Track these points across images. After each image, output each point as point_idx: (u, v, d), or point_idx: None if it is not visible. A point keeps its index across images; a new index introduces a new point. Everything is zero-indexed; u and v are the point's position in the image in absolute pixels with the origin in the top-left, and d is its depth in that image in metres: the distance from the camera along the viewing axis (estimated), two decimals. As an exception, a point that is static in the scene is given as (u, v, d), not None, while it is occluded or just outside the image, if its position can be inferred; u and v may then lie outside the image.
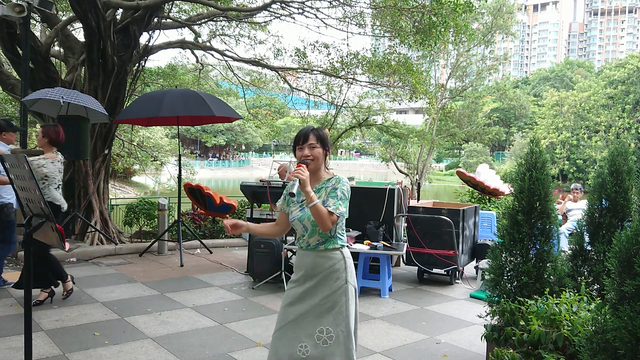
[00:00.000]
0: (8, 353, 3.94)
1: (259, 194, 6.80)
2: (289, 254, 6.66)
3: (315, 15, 10.63)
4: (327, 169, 2.96)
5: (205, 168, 56.05)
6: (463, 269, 6.93)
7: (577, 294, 3.48)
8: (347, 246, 2.93)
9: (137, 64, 9.41)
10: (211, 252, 8.32)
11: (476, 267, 6.88)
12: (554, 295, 3.54)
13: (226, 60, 13.56)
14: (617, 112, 53.45)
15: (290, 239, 6.58)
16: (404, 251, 6.42)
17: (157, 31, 9.43)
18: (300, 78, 15.71)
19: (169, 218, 8.73)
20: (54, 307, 5.15)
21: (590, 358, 2.57)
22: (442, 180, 49.98)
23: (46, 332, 4.43)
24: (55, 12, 8.81)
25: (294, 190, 2.71)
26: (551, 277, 3.78)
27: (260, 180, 6.94)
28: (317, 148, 2.84)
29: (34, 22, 11.14)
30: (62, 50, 9.29)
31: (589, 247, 4.15)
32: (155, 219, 9.05)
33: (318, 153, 2.84)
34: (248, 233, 2.87)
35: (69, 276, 5.52)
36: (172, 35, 72.41)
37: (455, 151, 65.56)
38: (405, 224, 6.96)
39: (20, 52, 8.01)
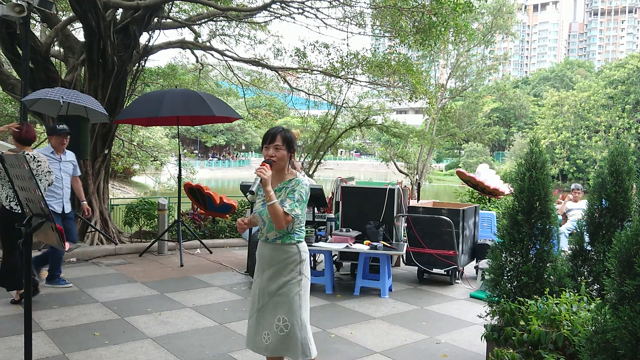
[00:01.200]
0: (8, 353, 3.94)
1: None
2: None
3: (315, 15, 10.63)
4: (293, 169, 3.09)
5: (205, 168, 56.03)
6: (463, 269, 6.93)
7: (577, 294, 3.48)
8: (303, 241, 3.11)
9: (137, 64, 9.41)
10: (211, 252, 8.32)
11: (476, 267, 6.88)
12: (554, 295, 3.54)
13: (226, 60, 13.56)
14: (617, 112, 53.43)
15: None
16: (404, 251, 6.42)
17: (157, 31, 9.43)
18: (300, 78, 15.71)
19: (169, 218, 8.73)
20: (54, 307, 5.15)
21: (590, 358, 2.57)
22: (442, 180, 49.97)
23: (46, 332, 4.43)
24: (55, 12, 8.81)
25: (254, 189, 2.90)
26: (551, 277, 3.78)
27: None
28: (281, 150, 2.97)
29: (34, 22, 11.14)
30: (62, 50, 9.29)
31: (589, 247, 4.15)
32: (155, 219, 9.05)
33: (282, 155, 2.98)
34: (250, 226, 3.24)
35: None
36: (172, 35, 72.40)
37: (455, 151, 65.51)
38: (405, 224, 6.96)
39: (20, 52, 8.01)
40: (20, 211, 5.11)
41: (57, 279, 5.90)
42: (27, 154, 5.07)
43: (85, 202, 6.24)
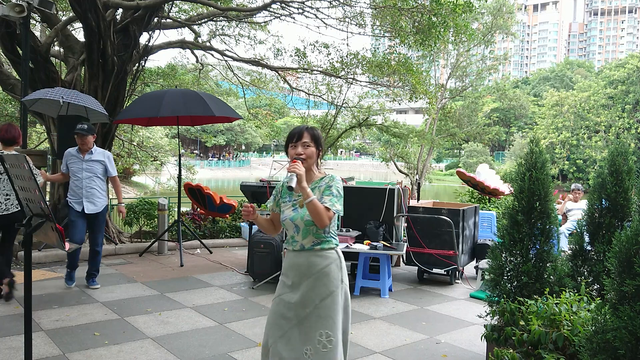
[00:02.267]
0: (8, 353, 3.94)
1: (259, 194, 6.81)
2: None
3: (315, 15, 10.63)
4: (319, 169, 2.95)
5: (205, 168, 56.04)
6: (463, 269, 6.93)
7: (577, 294, 3.48)
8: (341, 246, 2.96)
9: (137, 64, 9.40)
10: (211, 252, 8.32)
11: (476, 267, 6.88)
12: (554, 295, 3.54)
13: (226, 60, 13.56)
14: (617, 112, 53.44)
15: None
16: (404, 251, 6.42)
17: (157, 31, 9.42)
18: (300, 78, 15.72)
19: (169, 218, 8.73)
20: (54, 307, 5.15)
21: (590, 358, 2.57)
22: (442, 180, 49.97)
23: (46, 332, 4.43)
24: (55, 12, 8.80)
25: (293, 184, 2.64)
26: (551, 277, 3.78)
27: (260, 180, 6.95)
28: (310, 147, 2.81)
29: (34, 22, 11.14)
30: (62, 50, 9.29)
31: (589, 247, 4.15)
32: (155, 219, 9.05)
33: (311, 152, 2.81)
34: (253, 224, 2.87)
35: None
36: (172, 35, 72.47)
37: (455, 151, 65.51)
38: (405, 224, 6.96)
39: (20, 52, 8.01)
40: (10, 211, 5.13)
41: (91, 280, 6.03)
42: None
43: (121, 204, 6.19)
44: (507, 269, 3.86)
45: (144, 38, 9.26)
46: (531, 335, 3.22)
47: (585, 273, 4.07)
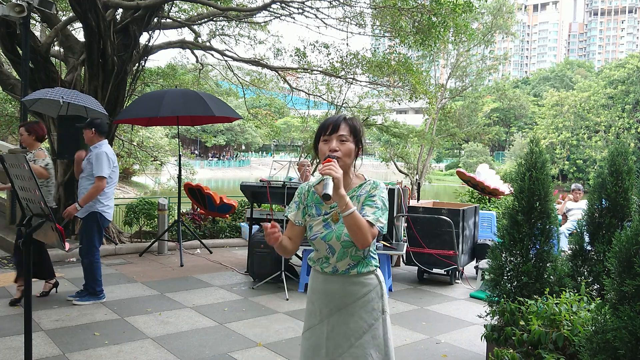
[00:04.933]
0: (8, 353, 3.94)
1: (259, 194, 6.80)
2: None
3: (315, 15, 10.63)
4: (356, 172, 2.34)
5: (205, 168, 56.05)
6: (463, 269, 6.93)
7: (577, 294, 3.48)
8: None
9: (137, 64, 9.40)
10: (211, 252, 8.32)
11: (476, 267, 6.88)
12: (554, 295, 3.54)
13: (226, 60, 13.56)
14: (617, 112, 53.47)
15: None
16: (404, 251, 6.42)
17: (157, 31, 9.42)
18: (300, 78, 15.71)
19: (169, 218, 8.73)
20: (54, 307, 5.15)
21: (590, 358, 2.57)
22: (442, 180, 49.97)
23: (46, 332, 4.43)
24: (55, 12, 8.81)
25: (329, 191, 1.99)
26: (551, 277, 3.78)
27: (260, 180, 6.94)
28: (348, 142, 2.20)
29: (34, 22, 11.14)
30: (62, 50, 9.29)
31: (589, 247, 4.15)
32: (155, 219, 9.05)
33: (348, 149, 2.19)
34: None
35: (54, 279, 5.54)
36: (172, 35, 72.45)
37: (455, 151, 65.55)
38: (405, 224, 6.96)
39: (20, 52, 8.01)
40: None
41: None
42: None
43: (75, 205, 5.59)
44: (507, 269, 3.86)
45: (144, 38, 9.27)
46: (531, 335, 3.22)
47: (585, 273, 4.07)
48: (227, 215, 9.76)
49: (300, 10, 10.52)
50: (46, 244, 5.24)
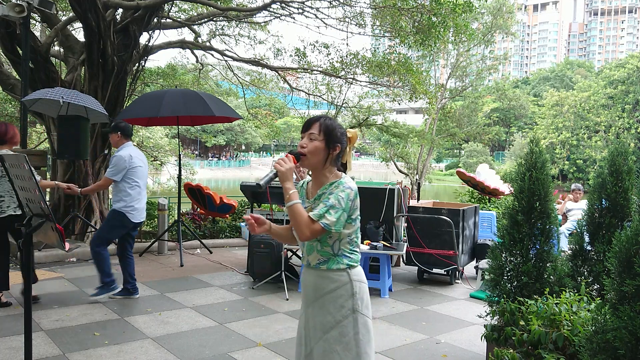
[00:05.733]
0: (8, 353, 3.94)
1: (259, 194, 6.80)
2: (289, 253, 6.66)
3: (315, 15, 10.64)
4: (339, 170, 2.39)
5: (205, 168, 56.06)
6: (463, 269, 6.93)
7: (577, 294, 3.48)
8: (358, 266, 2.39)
9: (137, 64, 9.41)
10: (211, 252, 8.32)
11: (476, 267, 6.88)
12: (554, 295, 3.54)
13: (226, 60, 13.57)
14: (617, 112, 53.48)
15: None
16: (404, 251, 6.42)
17: (157, 31, 9.43)
18: (300, 78, 15.72)
19: (169, 218, 8.72)
20: (54, 307, 5.15)
21: (590, 358, 2.57)
22: (442, 180, 49.98)
23: (46, 332, 4.43)
24: (55, 12, 8.81)
25: (262, 182, 2.24)
26: (551, 277, 3.78)
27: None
28: (316, 141, 2.28)
29: (34, 22, 11.14)
30: (62, 50, 9.30)
31: (589, 247, 4.15)
32: (155, 219, 9.05)
33: (315, 148, 2.27)
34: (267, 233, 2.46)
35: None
36: (172, 35, 72.43)
37: (455, 151, 65.55)
38: (405, 224, 6.96)
39: (20, 52, 8.01)
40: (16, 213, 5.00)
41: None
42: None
43: (74, 186, 5.71)
44: (507, 269, 3.86)
45: (144, 38, 9.28)
46: (531, 335, 3.22)
47: (585, 273, 4.07)
48: (227, 215, 9.76)
49: (300, 10, 10.53)
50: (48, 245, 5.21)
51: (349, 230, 2.31)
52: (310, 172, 2.42)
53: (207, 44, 13.18)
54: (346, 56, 12.54)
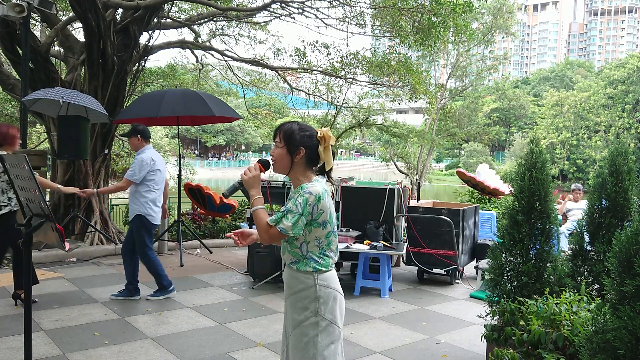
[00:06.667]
0: (8, 353, 3.94)
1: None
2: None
3: (315, 15, 10.64)
4: (319, 172, 2.45)
5: (205, 168, 56.06)
6: (463, 269, 6.93)
7: (577, 294, 3.48)
8: (329, 270, 2.39)
9: (137, 64, 9.41)
10: (211, 252, 8.32)
11: (476, 267, 6.88)
12: (554, 295, 3.54)
13: (226, 60, 13.57)
14: (617, 112, 53.47)
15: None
16: (404, 251, 6.42)
17: (157, 31, 9.43)
18: (300, 78, 15.73)
19: (169, 218, 8.72)
20: (54, 307, 5.15)
21: (590, 358, 2.57)
22: (442, 180, 49.97)
23: (46, 332, 4.43)
24: (55, 12, 8.81)
25: (226, 191, 2.43)
26: (551, 277, 3.78)
27: (260, 180, 6.94)
28: (279, 148, 2.39)
29: (34, 22, 11.14)
30: (62, 50, 9.30)
31: (589, 247, 4.15)
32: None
33: (278, 154, 2.39)
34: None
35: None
36: (172, 35, 72.46)
37: (455, 151, 65.52)
38: (405, 224, 6.96)
39: (20, 52, 8.01)
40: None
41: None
42: None
43: (92, 190, 5.76)
44: (507, 269, 3.86)
45: (144, 38, 9.28)
46: (531, 335, 3.22)
47: (585, 273, 4.07)
48: (227, 215, 9.75)
49: (300, 10, 10.53)
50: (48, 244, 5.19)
51: (317, 234, 2.35)
52: None
53: (207, 44, 13.18)
54: (346, 56, 12.54)
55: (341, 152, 69.11)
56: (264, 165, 2.43)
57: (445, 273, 6.82)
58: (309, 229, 2.33)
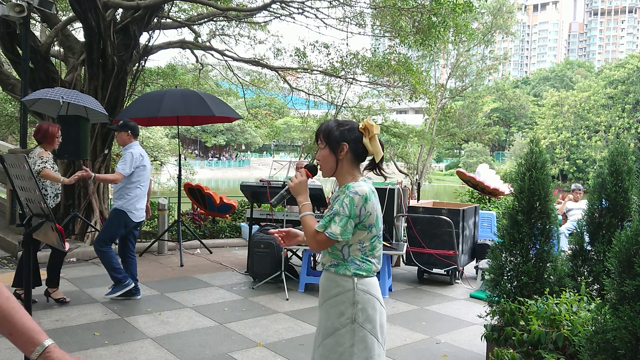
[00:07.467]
0: (8, 353, 3.94)
1: (259, 194, 6.80)
2: (289, 254, 6.66)
3: (315, 15, 10.64)
4: (366, 168, 2.36)
5: (205, 168, 56.07)
6: (463, 269, 6.93)
7: (577, 294, 3.48)
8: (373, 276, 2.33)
9: (137, 64, 9.41)
10: (211, 252, 8.32)
11: (476, 267, 6.88)
12: (554, 295, 3.54)
13: (226, 60, 13.57)
14: (617, 112, 53.48)
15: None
16: (404, 251, 6.42)
17: (157, 31, 9.43)
18: (300, 78, 15.73)
19: (169, 218, 8.72)
20: (54, 307, 5.15)
21: (590, 358, 2.57)
22: (442, 180, 49.98)
23: (46, 332, 4.42)
24: (55, 12, 8.81)
25: (273, 200, 2.37)
26: (551, 277, 3.78)
27: (260, 180, 6.94)
28: (322, 150, 2.30)
29: (34, 22, 11.14)
30: (62, 50, 9.30)
31: (589, 247, 4.15)
32: (155, 219, 9.04)
33: (323, 156, 2.29)
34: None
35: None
36: (172, 35, 72.44)
37: (455, 151, 65.54)
38: (405, 224, 6.96)
39: (20, 52, 8.01)
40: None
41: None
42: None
43: (89, 175, 5.54)
44: (507, 269, 3.86)
45: (144, 38, 9.28)
46: (531, 335, 3.22)
47: (585, 273, 4.07)
48: (227, 215, 9.76)
49: (300, 10, 10.53)
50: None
51: (361, 237, 2.23)
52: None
53: (207, 44, 13.18)
54: (346, 56, 12.54)
55: (341, 152, 68.86)
56: (310, 170, 2.35)
57: (445, 273, 6.82)
58: (354, 231, 2.21)
